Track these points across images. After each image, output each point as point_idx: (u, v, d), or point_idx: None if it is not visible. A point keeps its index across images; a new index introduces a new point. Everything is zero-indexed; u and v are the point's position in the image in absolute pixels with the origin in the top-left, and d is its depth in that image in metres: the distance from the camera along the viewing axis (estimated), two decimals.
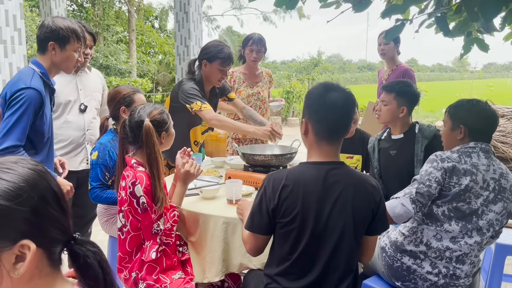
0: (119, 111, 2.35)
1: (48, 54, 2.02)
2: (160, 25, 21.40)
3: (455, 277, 1.82)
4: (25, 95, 1.89)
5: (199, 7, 6.20)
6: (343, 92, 1.56)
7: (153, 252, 1.79)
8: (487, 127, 1.91)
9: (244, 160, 2.55)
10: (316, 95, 1.56)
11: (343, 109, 1.54)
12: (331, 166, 1.55)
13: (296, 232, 1.51)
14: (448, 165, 1.79)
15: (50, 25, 1.99)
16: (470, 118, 1.89)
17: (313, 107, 1.56)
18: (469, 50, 2.07)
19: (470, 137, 1.89)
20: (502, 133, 4.36)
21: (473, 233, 1.80)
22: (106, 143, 2.30)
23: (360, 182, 1.56)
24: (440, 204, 1.81)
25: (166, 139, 1.98)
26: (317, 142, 1.57)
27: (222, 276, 1.92)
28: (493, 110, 1.91)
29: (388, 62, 3.79)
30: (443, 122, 2.05)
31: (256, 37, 3.36)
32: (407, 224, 1.91)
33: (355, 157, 2.91)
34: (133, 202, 1.80)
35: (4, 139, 1.87)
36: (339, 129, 1.57)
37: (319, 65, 19.26)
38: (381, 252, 1.96)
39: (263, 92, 3.48)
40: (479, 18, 1.46)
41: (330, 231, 1.51)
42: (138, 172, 1.82)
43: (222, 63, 2.71)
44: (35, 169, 0.77)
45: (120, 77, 15.14)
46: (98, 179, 2.26)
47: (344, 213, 1.51)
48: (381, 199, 1.59)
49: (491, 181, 1.80)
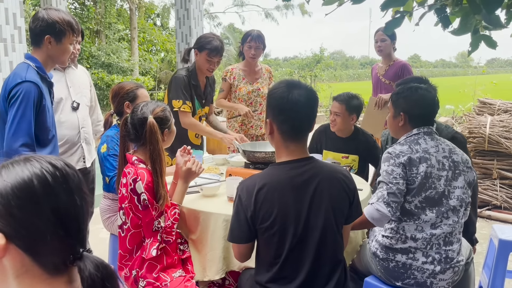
0: (123, 106, 2.35)
1: (43, 47, 1.98)
2: (162, 23, 21.38)
3: (449, 259, 1.86)
4: (23, 89, 1.87)
5: (200, 4, 6.17)
6: (305, 90, 1.55)
7: (153, 250, 1.78)
8: (426, 113, 1.97)
9: (245, 158, 2.54)
10: (279, 96, 1.55)
11: (306, 108, 1.55)
12: (301, 163, 1.56)
13: (278, 236, 1.50)
14: (404, 158, 1.85)
15: (46, 18, 1.94)
16: (409, 105, 1.96)
17: (276, 108, 1.56)
18: (477, 47, 2.04)
19: (411, 124, 1.97)
20: (505, 128, 4.34)
21: (449, 213, 1.86)
22: (112, 135, 2.32)
23: (332, 173, 1.58)
24: (410, 200, 1.85)
25: (168, 136, 1.98)
26: (283, 142, 1.57)
27: (222, 274, 1.92)
28: (433, 96, 1.97)
29: (384, 58, 3.83)
30: (388, 108, 2.11)
31: (255, 34, 3.36)
32: (386, 226, 1.93)
33: (350, 157, 2.87)
34: (134, 199, 1.79)
35: (16, 138, 1.85)
36: (304, 127, 1.58)
37: (321, 62, 19.21)
38: (374, 257, 1.98)
39: (263, 89, 3.48)
40: (481, 10, 1.44)
41: (312, 228, 1.51)
42: (140, 169, 1.81)
43: (209, 53, 2.84)
44: (39, 178, 0.75)
45: (122, 75, 15.15)
46: (114, 168, 2.26)
47: (323, 207, 1.52)
48: (355, 188, 1.62)
49: (444, 160, 1.88)
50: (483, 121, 4.43)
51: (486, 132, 4.28)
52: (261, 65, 3.59)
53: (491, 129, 4.30)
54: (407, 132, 1.98)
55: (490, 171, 4.38)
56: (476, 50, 1.86)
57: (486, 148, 4.32)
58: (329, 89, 17.19)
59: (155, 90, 16.43)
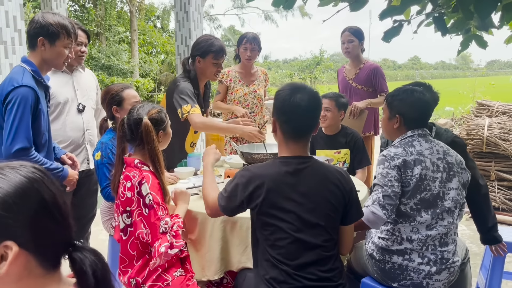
0: (111, 111, 2.35)
1: (38, 50, 1.99)
2: (162, 25, 21.45)
3: (444, 260, 1.87)
4: (19, 94, 1.88)
5: (199, 7, 6.20)
6: (309, 94, 1.62)
7: (162, 247, 1.73)
8: (421, 116, 1.98)
9: (243, 159, 2.55)
10: (282, 98, 1.63)
11: (308, 112, 1.61)
12: (300, 160, 1.62)
13: (278, 232, 1.55)
14: (399, 161, 1.87)
15: (40, 21, 1.96)
16: (405, 108, 1.97)
17: (280, 109, 1.64)
18: (467, 46, 2.06)
19: (406, 126, 1.98)
20: (503, 130, 4.36)
21: (444, 215, 1.87)
22: (107, 142, 2.30)
23: (328, 173, 1.63)
24: (405, 202, 1.87)
25: (163, 138, 1.99)
26: (284, 140, 1.66)
27: (221, 274, 1.93)
28: (428, 98, 1.98)
29: (353, 60, 3.61)
30: (383, 110, 2.12)
31: (250, 36, 3.35)
32: (382, 228, 1.95)
33: (342, 152, 2.95)
34: (140, 201, 1.79)
35: (13, 143, 1.87)
36: (305, 130, 1.65)
37: (321, 64, 19.25)
38: (370, 258, 2.00)
39: (259, 90, 3.48)
40: (474, 17, 1.46)
41: (306, 223, 1.55)
42: (145, 172, 1.83)
43: (215, 56, 2.71)
44: (29, 177, 0.78)
45: (122, 77, 15.18)
46: (107, 178, 2.26)
47: (316, 203, 1.57)
48: (352, 188, 1.66)
49: (439, 162, 1.89)
50: (481, 123, 4.45)
51: (484, 134, 4.30)
52: (257, 68, 3.59)
53: (489, 131, 4.32)
54: (402, 134, 1.99)
55: (488, 173, 4.40)
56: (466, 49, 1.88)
57: (484, 150, 4.33)
58: (329, 91, 17.19)
59: (155, 92, 16.46)
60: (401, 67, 66.43)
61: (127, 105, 2.32)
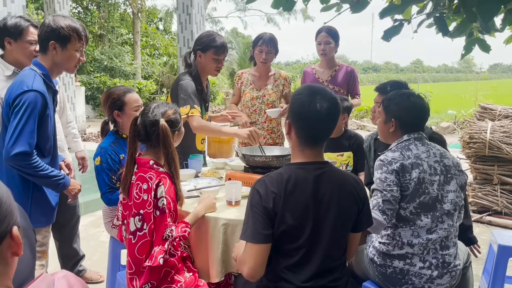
0: (113, 116, 2.33)
1: (49, 53, 1.98)
2: (164, 27, 21.49)
3: (446, 264, 1.86)
4: (27, 98, 1.87)
5: (202, 9, 6.21)
6: (328, 100, 1.51)
7: (160, 258, 1.74)
8: (417, 120, 1.99)
9: (244, 162, 2.54)
10: (300, 102, 1.52)
11: (326, 120, 1.52)
12: (316, 165, 1.55)
13: (295, 237, 1.51)
14: (397, 165, 1.86)
15: (51, 24, 1.95)
16: (401, 112, 1.97)
17: (296, 114, 1.54)
18: (470, 50, 2.06)
19: (402, 130, 1.98)
20: (506, 134, 4.34)
21: (443, 218, 1.87)
22: (107, 147, 2.28)
23: (344, 180, 1.57)
24: (405, 206, 1.86)
25: (177, 137, 1.98)
26: (299, 145, 1.57)
27: (222, 277, 1.92)
28: (424, 103, 1.99)
29: (328, 62, 3.55)
30: (379, 113, 2.12)
31: (267, 37, 3.21)
32: (383, 233, 1.94)
33: (345, 154, 2.94)
34: (154, 203, 1.78)
35: (14, 146, 1.85)
36: (321, 137, 1.57)
37: None
38: (371, 263, 1.98)
39: (270, 96, 3.34)
40: (477, 19, 1.45)
41: (322, 231, 1.51)
42: (162, 174, 1.81)
43: (215, 52, 2.71)
44: None
45: (125, 79, 15.22)
46: (106, 184, 2.25)
47: (331, 210, 1.52)
48: (365, 196, 1.61)
49: (436, 164, 1.89)
50: (483, 126, 4.43)
51: (486, 138, 4.28)
52: (276, 71, 3.44)
53: (491, 135, 4.30)
54: (398, 138, 1.99)
55: (491, 177, 4.37)
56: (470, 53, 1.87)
57: (487, 153, 4.31)
58: None
59: (158, 94, 16.49)
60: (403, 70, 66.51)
61: (129, 109, 2.31)
